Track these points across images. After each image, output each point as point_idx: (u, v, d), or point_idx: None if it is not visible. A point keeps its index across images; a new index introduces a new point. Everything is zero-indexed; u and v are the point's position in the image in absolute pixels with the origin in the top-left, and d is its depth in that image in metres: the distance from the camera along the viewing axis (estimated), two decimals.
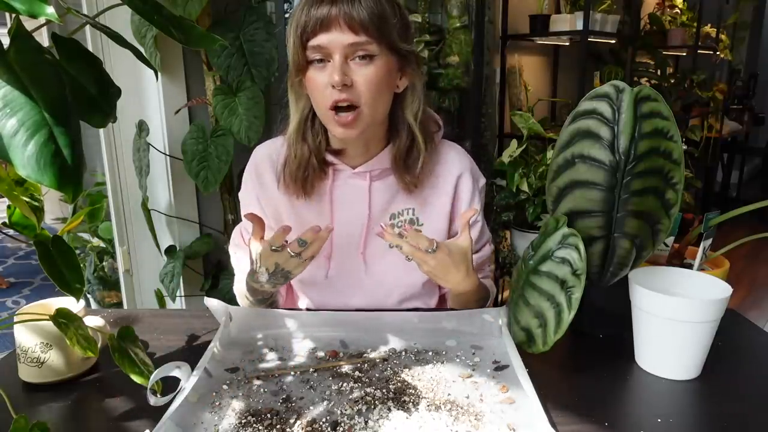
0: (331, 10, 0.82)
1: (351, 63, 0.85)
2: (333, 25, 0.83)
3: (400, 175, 0.95)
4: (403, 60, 0.90)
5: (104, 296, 2.21)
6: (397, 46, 0.87)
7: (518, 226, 2.03)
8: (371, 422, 0.66)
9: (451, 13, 2.07)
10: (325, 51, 0.84)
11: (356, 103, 0.86)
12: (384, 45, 0.85)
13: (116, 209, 1.87)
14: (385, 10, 0.85)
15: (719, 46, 3.81)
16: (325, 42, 0.84)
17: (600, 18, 2.44)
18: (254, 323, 0.89)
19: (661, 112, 0.77)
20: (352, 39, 0.83)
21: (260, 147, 1.02)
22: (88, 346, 0.68)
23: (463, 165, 1.00)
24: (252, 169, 1.00)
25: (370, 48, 0.84)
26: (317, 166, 0.94)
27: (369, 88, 0.85)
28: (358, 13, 0.82)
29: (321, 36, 0.84)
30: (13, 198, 0.69)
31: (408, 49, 0.89)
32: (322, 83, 0.85)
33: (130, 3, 0.57)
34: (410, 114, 0.93)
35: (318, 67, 0.86)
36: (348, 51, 0.84)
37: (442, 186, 0.99)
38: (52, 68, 0.52)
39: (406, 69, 0.91)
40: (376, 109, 0.88)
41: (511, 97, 2.79)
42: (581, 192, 0.80)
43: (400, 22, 0.88)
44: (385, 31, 0.85)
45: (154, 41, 1.62)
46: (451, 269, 0.87)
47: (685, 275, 0.84)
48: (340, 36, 0.83)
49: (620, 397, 0.73)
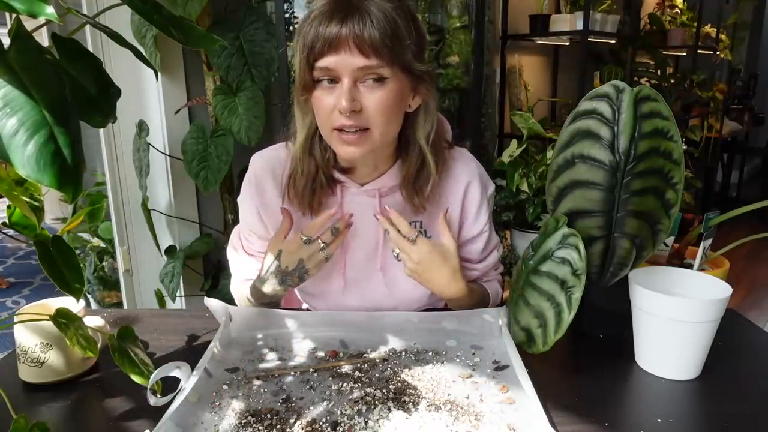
0: (341, 29, 0.76)
1: (361, 86, 0.80)
2: (342, 46, 0.77)
3: (408, 197, 0.91)
4: (416, 80, 0.84)
5: (104, 296, 2.21)
6: (411, 67, 0.82)
7: (518, 226, 2.03)
8: (371, 422, 0.66)
9: (451, 13, 2.07)
10: (333, 73, 0.79)
11: (365, 127, 0.81)
12: (397, 67, 0.80)
13: (116, 209, 1.87)
14: (399, 29, 0.79)
15: (719, 46, 3.81)
16: (334, 64, 0.78)
17: (600, 18, 2.44)
18: (254, 323, 0.89)
19: (661, 112, 0.77)
20: (362, 62, 0.77)
21: (260, 156, 0.96)
22: (88, 346, 0.68)
23: (471, 174, 0.96)
24: (252, 180, 0.94)
25: (381, 71, 0.79)
26: (325, 182, 0.90)
27: (379, 112, 0.80)
28: (370, 34, 0.76)
29: (329, 57, 0.78)
30: (13, 198, 0.69)
31: (423, 70, 0.84)
32: (329, 105, 0.81)
33: (130, 3, 0.57)
34: (422, 135, 0.88)
35: (326, 88, 0.81)
36: (358, 74, 0.79)
37: (451, 197, 0.95)
38: (52, 68, 0.52)
39: (420, 88, 0.86)
40: (386, 132, 0.84)
41: (511, 97, 2.79)
42: (581, 192, 0.80)
43: (416, 41, 0.82)
44: (399, 53, 0.79)
45: (154, 41, 1.62)
46: (434, 269, 0.87)
47: (685, 275, 0.83)
48: (350, 59, 0.77)
49: (620, 397, 0.73)
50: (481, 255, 1.01)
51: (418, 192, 0.91)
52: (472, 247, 0.99)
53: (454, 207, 0.96)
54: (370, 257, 0.96)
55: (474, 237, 0.98)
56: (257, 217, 0.95)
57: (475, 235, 0.98)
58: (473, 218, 0.97)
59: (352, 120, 0.80)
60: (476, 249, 0.99)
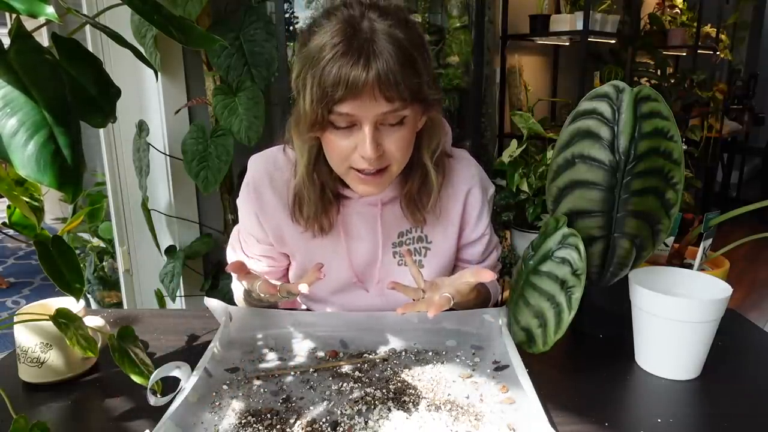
0: (364, 75, 0.70)
1: (381, 127, 0.77)
2: (365, 92, 0.72)
3: (409, 210, 0.91)
4: (428, 106, 0.81)
5: (104, 296, 2.21)
6: (427, 99, 0.79)
7: (518, 226, 2.03)
8: (371, 422, 0.66)
9: (451, 13, 2.07)
10: (353, 118, 0.75)
11: (385, 165, 0.80)
12: (416, 103, 0.77)
13: (116, 209, 1.87)
14: (416, 63, 0.74)
15: (719, 46, 3.81)
16: (354, 110, 0.73)
17: (600, 18, 2.44)
18: (254, 323, 0.89)
19: (661, 112, 0.77)
20: (386, 108, 0.74)
21: (257, 160, 0.94)
22: (88, 346, 0.68)
23: (472, 180, 0.95)
24: (250, 185, 0.92)
25: (403, 112, 0.76)
26: (332, 200, 0.89)
27: (400, 150, 0.79)
28: (394, 77, 0.71)
29: (351, 103, 0.73)
30: (13, 198, 0.69)
31: (436, 98, 0.80)
32: (347, 148, 0.77)
33: (130, 3, 0.57)
34: (427, 153, 0.86)
35: (342, 132, 0.77)
36: (380, 119, 0.75)
37: (452, 202, 0.94)
38: (52, 68, 0.52)
39: (430, 111, 0.83)
40: (404, 164, 0.83)
41: (511, 97, 2.79)
42: (581, 192, 0.80)
43: (428, 71, 0.78)
44: (418, 90, 0.75)
45: (154, 41, 1.62)
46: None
47: (685, 275, 0.83)
48: (373, 105, 0.73)
49: (620, 397, 0.73)
50: (482, 257, 1.01)
51: (419, 206, 0.90)
52: (473, 250, 0.99)
53: (454, 213, 0.95)
54: (370, 264, 0.96)
55: (475, 241, 0.98)
56: (255, 221, 0.94)
57: (476, 239, 0.98)
58: (474, 223, 0.96)
59: (375, 164, 0.77)
60: (477, 252, 1.00)
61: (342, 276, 0.95)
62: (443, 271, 0.97)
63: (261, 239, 0.96)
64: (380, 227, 0.92)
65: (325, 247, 0.93)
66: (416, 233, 0.95)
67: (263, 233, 0.95)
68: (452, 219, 0.95)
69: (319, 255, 0.93)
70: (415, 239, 0.95)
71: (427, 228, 0.95)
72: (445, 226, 0.95)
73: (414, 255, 0.95)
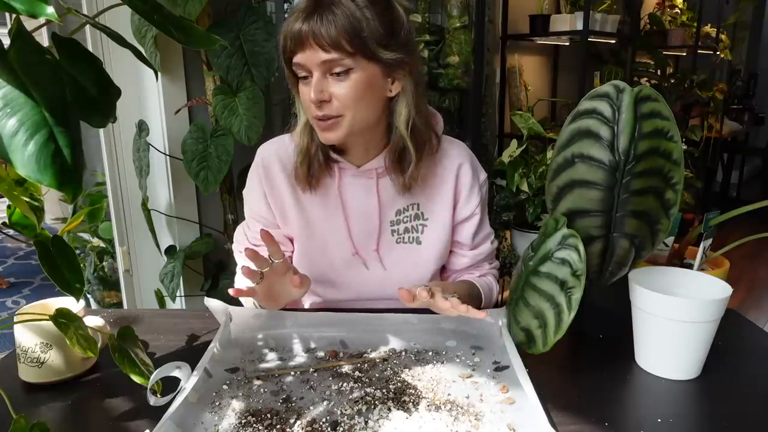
0: (302, 27, 0.83)
1: (330, 78, 0.86)
2: (305, 43, 0.83)
3: (395, 177, 0.97)
4: (389, 67, 0.88)
5: (104, 296, 2.21)
6: (378, 56, 0.86)
7: (518, 226, 2.03)
8: (371, 422, 0.66)
9: (451, 13, 2.07)
10: (305, 68, 0.86)
11: (337, 114, 0.87)
12: (361, 57, 0.84)
13: (116, 209, 1.87)
14: (359, 22, 0.83)
15: (719, 46, 3.81)
16: (302, 60, 0.85)
17: (600, 18, 2.44)
18: (254, 323, 0.89)
19: (661, 112, 0.77)
20: (324, 56, 0.83)
21: (265, 144, 1.03)
22: (88, 346, 0.68)
23: (462, 157, 1.02)
24: (259, 164, 1.00)
25: (344, 63, 0.84)
26: (322, 160, 0.96)
27: (347, 101, 0.86)
28: (327, 31, 0.81)
29: (298, 54, 0.85)
30: (13, 198, 0.69)
31: (392, 58, 0.87)
32: (307, 98, 0.87)
33: (130, 3, 0.57)
34: (401, 122, 0.92)
35: (304, 82, 0.88)
36: (324, 67, 0.85)
37: (445, 178, 1.01)
38: (52, 68, 0.52)
39: (396, 75, 0.90)
40: (361, 118, 0.89)
41: (511, 97, 2.79)
42: (581, 191, 0.80)
43: (382, 30, 0.85)
44: (360, 45, 0.83)
45: (154, 41, 1.62)
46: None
47: (685, 275, 0.83)
48: (313, 54, 0.84)
49: (620, 397, 0.73)
50: (473, 241, 1.04)
51: (402, 173, 0.96)
52: (464, 229, 1.03)
53: (447, 188, 1.01)
54: (369, 237, 1.00)
55: (465, 218, 1.03)
56: (263, 200, 1.00)
57: (467, 217, 1.02)
58: (465, 199, 1.02)
59: (323, 110, 0.87)
60: (467, 233, 1.03)
61: (342, 250, 1.00)
62: (441, 248, 1.02)
63: (268, 223, 1.01)
64: (377, 199, 0.98)
65: (317, 207, 1.00)
66: (413, 211, 1.01)
67: (269, 212, 1.01)
68: (446, 195, 1.01)
69: (319, 227, 1.00)
70: (412, 216, 1.01)
71: (423, 205, 1.01)
72: (440, 202, 1.01)
73: (412, 232, 1.01)
